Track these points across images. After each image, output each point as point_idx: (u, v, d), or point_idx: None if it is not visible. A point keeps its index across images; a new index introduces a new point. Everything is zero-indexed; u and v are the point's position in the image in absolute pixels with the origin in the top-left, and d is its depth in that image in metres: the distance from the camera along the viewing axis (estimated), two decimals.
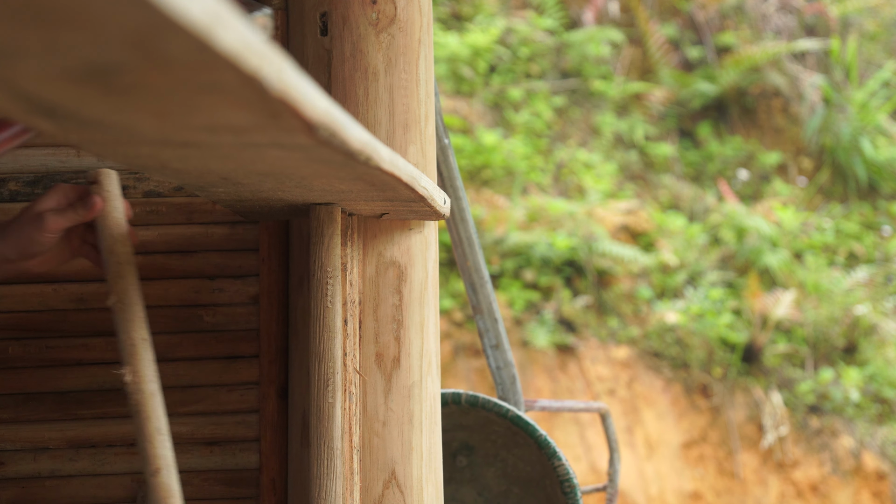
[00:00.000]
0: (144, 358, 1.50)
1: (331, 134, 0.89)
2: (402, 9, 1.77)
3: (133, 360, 1.50)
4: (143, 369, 1.49)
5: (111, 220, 1.54)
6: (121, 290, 1.52)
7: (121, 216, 1.55)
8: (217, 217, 1.90)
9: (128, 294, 1.52)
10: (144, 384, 1.49)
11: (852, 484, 6.12)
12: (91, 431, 1.87)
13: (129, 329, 1.51)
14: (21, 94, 0.72)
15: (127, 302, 1.52)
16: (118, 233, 1.54)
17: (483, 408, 2.36)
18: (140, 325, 1.51)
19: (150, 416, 1.48)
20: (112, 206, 1.55)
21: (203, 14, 0.60)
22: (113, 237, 1.54)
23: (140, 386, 1.49)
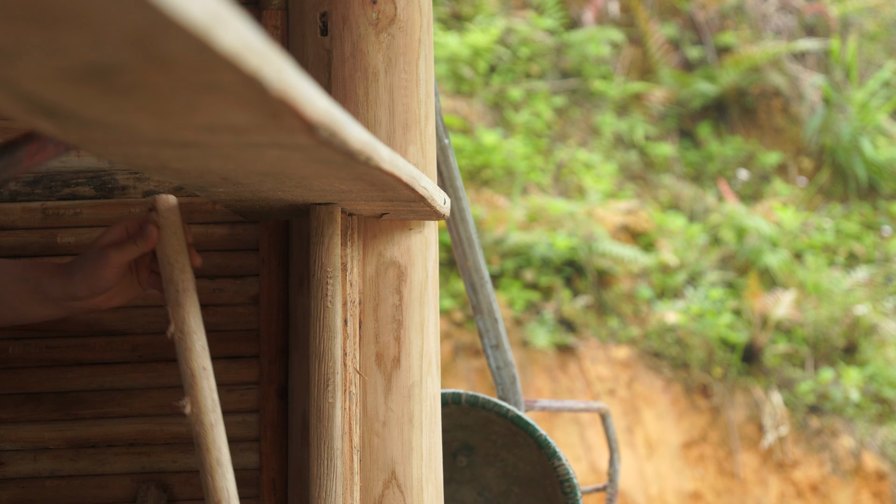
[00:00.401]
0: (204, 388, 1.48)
1: (331, 134, 0.89)
2: (402, 9, 1.77)
3: (193, 391, 1.48)
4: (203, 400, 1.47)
5: (169, 248, 1.52)
6: (179, 319, 1.49)
7: (180, 242, 1.52)
8: (217, 217, 1.90)
9: (187, 323, 1.49)
10: (204, 415, 1.47)
11: (852, 484, 6.12)
12: (91, 431, 1.87)
13: (189, 359, 1.48)
14: (21, 94, 0.72)
15: (186, 331, 1.49)
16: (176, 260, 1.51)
17: (483, 408, 2.36)
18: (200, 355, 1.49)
19: (210, 448, 1.47)
20: (170, 232, 1.52)
21: (203, 14, 0.60)
22: (171, 265, 1.51)
23: (200, 417, 1.47)
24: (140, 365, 1.89)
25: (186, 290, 1.51)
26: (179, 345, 1.49)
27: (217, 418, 1.48)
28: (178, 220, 1.53)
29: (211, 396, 1.48)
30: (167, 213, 1.53)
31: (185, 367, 1.48)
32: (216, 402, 1.49)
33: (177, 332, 1.49)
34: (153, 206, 1.53)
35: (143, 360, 1.89)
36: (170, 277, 1.51)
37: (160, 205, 1.52)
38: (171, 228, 1.52)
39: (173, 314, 1.50)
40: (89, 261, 1.54)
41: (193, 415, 1.47)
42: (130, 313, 1.90)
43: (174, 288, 1.51)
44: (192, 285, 1.52)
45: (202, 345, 1.50)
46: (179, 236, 1.53)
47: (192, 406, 1.47)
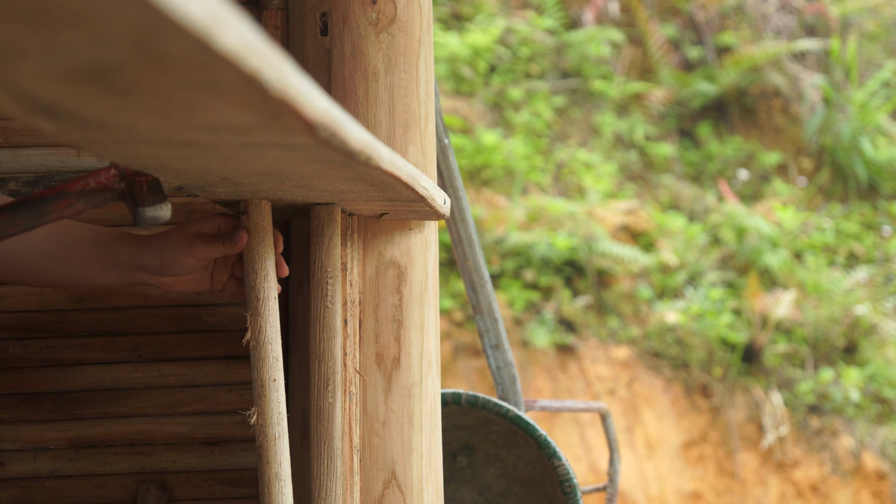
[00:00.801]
0: (272, 400, 1.46)
1: (331, 134, 0.89)
2: (402, 9, 1.77)
3: (261, 402, 1.46)
4: (270, 412, 1.46)
5: (256, 254, 1.49)
6: (257, 327, 1.47)
7: (267, 249, 1.50)
8: None
9: (264, 332, 1.47)
10: (269, 427, 1.46)
11: (852, 484, 6.12)
12: (91, 431, 1.87)
13: (261, 369, 1.47)
14: (21, 94, 0.72)
15: (262, 340, 1.47)
16: (261, 267, 1.49)
17: (483, 408, 2.36)
18: (272, 367, 1.47)
19: (271, 461, 1.45)
20: (258, 238, 1.50)
21: (203, 14, 0.60)
22: (255, 271, 1.49)
23: (265, 429, 1.46)
24: (140, 365, 1.89)
25: (268, 298, 1.49)
26: (254, 353, 1.48)
27: (282, 431, 1.47)
28: (269, 227, 1.51)
29: (278, 409, 1.46)
30: (258, 219, 1.50)
31: (256, 376, 1.47)
32: (283, 416, 1.47)
33: (253, 340, 1.47)
34: (245, 209, 1.51)
35: (143, 360, 1.89)
36: (252, 284, 1.49)
37: (252, 209, 1.50)
38: (259, 234, 1.50)
39: (252, 322, 1.48)
40: (172, 242, 1.52)
41: (258, 426, 1.46)
42: (130, 313, 1.90)
43: (255, 296, 1.48)
44: (274, 294, 1.49)
45: (276, 356, 1.48)
46: (268, 244, 1.50)
47: (258, 416, 1.46)
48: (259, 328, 1.47)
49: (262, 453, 1.46)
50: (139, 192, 1.39)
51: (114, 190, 1.39)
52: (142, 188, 1.40)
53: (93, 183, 1.38)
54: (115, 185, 1.39)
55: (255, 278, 1.49)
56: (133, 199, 1.40)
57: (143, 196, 1.40)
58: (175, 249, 1.51)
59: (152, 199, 1.40)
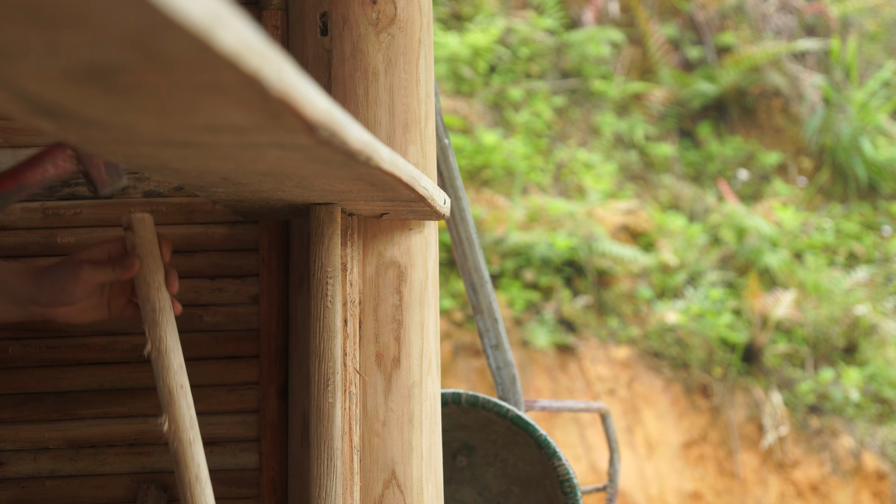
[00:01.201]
0: (182, 406, 1.49)
1: (331, 134, 0.89)
2: (402, 9, 1.77)
3: (171, 409, 1.49)
4: (181, 417, 1.49)
5: (146, 267, 1.51)
6: (156, 338, 1.50)
7: (156, 261, 1.51)
8: (217, 217, 1.90)
9: (163, 342, 1.50)
10: (183, 432, 1.49)
11: (852, 484, 6.12)
12: (91, 431, 1.87)
13: (167, 377, 1.50)
14: (21, 94, 0.72)
15: (163, 350, 1.50)
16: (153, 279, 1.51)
17: (483, 408, 2.36)
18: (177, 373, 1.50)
19: (189, 465, 1.48)
20: (145, 251, 1.51)
21: (203, 14, 0.60)
22: (147, 284, 1.51)
23: (178, 434, 1.48)
24: (140, 365, 1.89)
25: (163, 308, 1.51)
26: (156, 363, 1.50)
27: (195, 435, 1.49)
28: (154, 238, 1.52)
29: (189, 413, 1.50)
30: (142, 231, 1.51)
31: (162, 385, 1.50)
32: (194, 420, 1.50)
33: (154, 350, 1.50)
34: (128, 224, 1.51)
35: (143, 360, 1.89)
36: (146, 296, 1.51)
37: (135, 222, 1.51)
38: (146, 247, 1.51)
39: (150, 333, 1.50)
40: (62, 270, 1.52)
41: (172, 432, 1.49)
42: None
43: (150, 307, 1.51)
44: (168, 304, 1.52)
45: (179, 363, 1.51)
46: (155, 255, 1.52)
47: (170, 423, 1.49)
48: (159, 338, 1.50)
49: (180, 458, 1.49)
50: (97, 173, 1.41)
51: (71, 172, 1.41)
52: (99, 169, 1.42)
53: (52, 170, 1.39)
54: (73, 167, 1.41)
55: (147, 290, 1.51)
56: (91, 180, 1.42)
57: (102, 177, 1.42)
58: (65, 278, 1.51)
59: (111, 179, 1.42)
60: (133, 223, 1.51)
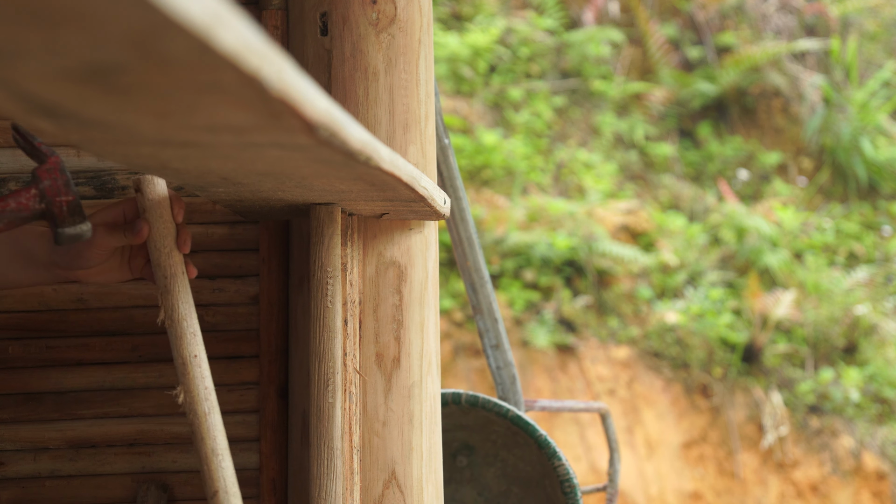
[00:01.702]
0: (196, 376, 1.44)
1: (331, 134, 0.89)
2: (402, 9, 1.77)
3: (185, 379, 1.44)
4: (196, 389, 1.44)
5: (156, 232, 1.46)
6: (169, 305, 1.45)
7: (167, 225, 1.47)
8: (217, 217, 1.90)
9: (176, 310, 1.45)
10: (198, 405, 1.44)
11: (852, 484, 6.12)
12: (91, 431, 1.87)
13: (180, 346, 1.45)
14: (21, 94, 0.72)
15: (175, 318, 1.45)
16: (163, 244, 1.46)
17: (483, 408, 2.36)
18: (191, 343, 1.45)
19: (205, 437, 1.44)
20: (157, 214, 1.46)
21: (203, 14, 0.60)
22: (158, 249, 1.46)
23: (193, 406, 1.44)
24: (140, 365, 1.89)
25: (175, 275, 1.46)
26: (170, 332, 1.46)
27: (211, 406, 1.45)
28: (166, 203, 1.48)
29: (203, 384, 1.44)
30: (153, 195, 1.47)
31: (176, 355, 1.45)
32: (210, 390, 1.45)
33: (167, 319, 1.46)
34: (138, 187, 1.47)
35: (143, 360, 1.89)
36: (157, 262, 1.46)
37: (145, 186, 1.47)
38: (157, 210, 1.47)
39: (163, 301, 1.46)
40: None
41: (187, 404, 1.44)
42: (130, 313, 1.90)
43: (162, 273, 1.46)
44: (181, 269, 1.47)
45: (193, 331, 1.46)
46: (166, 218, 1.47)
47: (185, 395, 1.44)
48: (172, 306, 1.45)
49: (196, 430, 1.44)
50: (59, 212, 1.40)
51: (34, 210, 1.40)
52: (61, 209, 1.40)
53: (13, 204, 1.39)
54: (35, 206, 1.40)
55: (159, 256, 1.47)
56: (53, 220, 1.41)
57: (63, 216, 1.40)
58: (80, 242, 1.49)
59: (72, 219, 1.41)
60: (143, 185, 1.47)
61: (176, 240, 1.48)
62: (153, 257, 1.47)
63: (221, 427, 1.46)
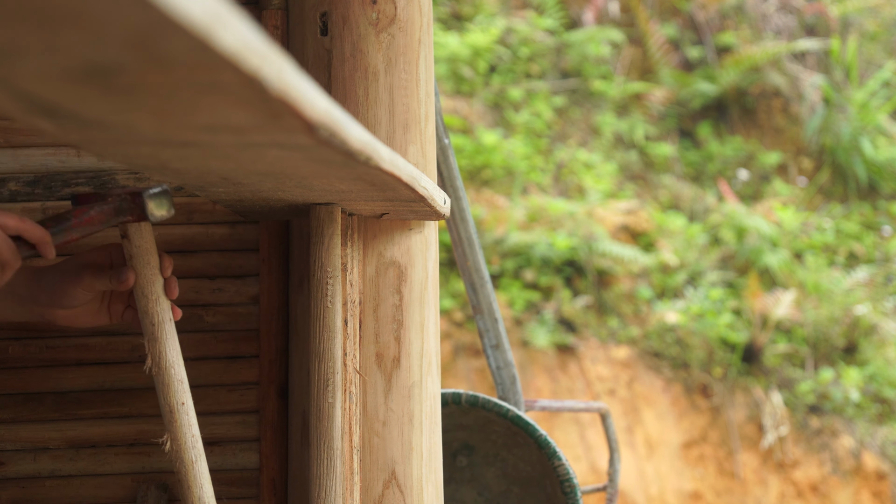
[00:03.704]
0: (184, 424, 1.44)
1: (331, 134, 0.89)
2: (402, 9, 1.77)
3: (172, 427, 1.44)
4: (183, 437, 1.44)
5: (143, 278, 1.45)
6: (156, 353, 1.45)
7: (153, 272, 1.45)
8: (217, 217, 1.90)
9: (164, 357, 1.45)
10: (185, 452, 1.44)
11: (852, 484, 6.12)
12: (91, 431, 1.87)
13: (167, 394, 1.45)
14: (21, 94, 0.72)
15: (163, 366, 1.45)
16: (150, 291, 1.45)
17: (483, 408, 2.36)
18: (178, 389, 1.44)
19: (192, 486, 1.44)
20: (143, 262, 1.45)
21: (203, 14, 0.60)
22: (145, 296, 1.45)
23: (180, 454, 1.44)
24: (140, 365, 1.88)
25: (163, 322, 1.45)
26: (157, 380, 1.45)
27: (198, 454, 1.45)
28: (153, 247, 1.46)
29: (191, 432, 1.45)
30: (140, 242, 1.45)
31: (163, 402, 1.45)
32: (196, 438, 1.45)
33: (154, 366, 1.45)
34: (125, 233, 1.45)
35: (143, 360, 1.89)
36: (144, 309, 1.45)
37: (132, 232, 1.45)
38: (143, 257, 1.45)
39: (150, 348, 1.45)
40: (63, 273, 1.49)
41: (174, 452, 1.45)
42: None
43: (149, 320, 1.45)
44: (168, 315, 1.46)
45: (180, 379, 1.45)
46: (153, 264, 1.46)
47: (171, 443, 1.44)
48: (159, 353, 1.45)
49: (183, 478, 1.44)
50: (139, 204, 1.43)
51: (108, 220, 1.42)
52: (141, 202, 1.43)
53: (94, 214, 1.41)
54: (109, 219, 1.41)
55: (146, 303, 1.45)
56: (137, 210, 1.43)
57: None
58: (65, 280, 1.48)
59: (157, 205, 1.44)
60: (129, 232, 1.45)
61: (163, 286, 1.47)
62: (140, 304, 1.46)
63: (208, 475, 1.46)
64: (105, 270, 1.47)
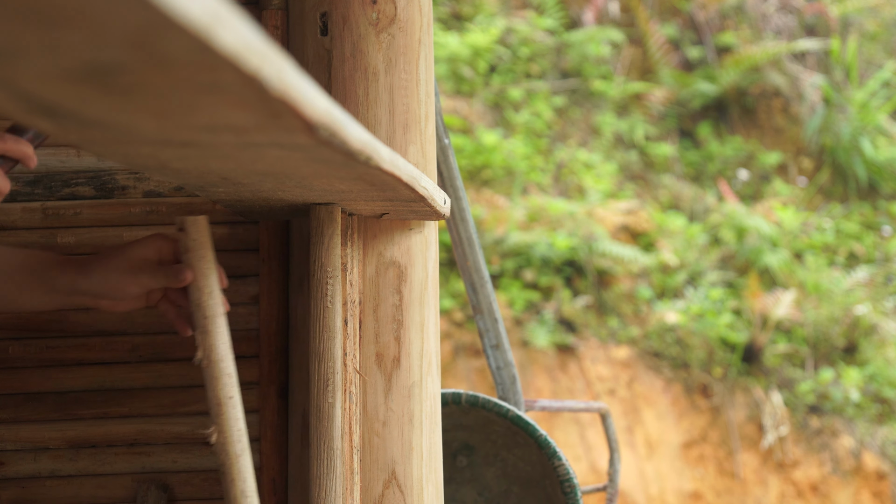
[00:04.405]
0: (231, 417, 1.45)
1: (331, 134, 0.89)
2: (402, 9, 1.77)
3: (219, 420, 1.45)
4: (230, 430, 1.45)
5: (198, 272, 1.46)
6: (207, 346, 1.46)
7: (209, 265, 1.47)
8: (217, 217, 1.90)
9: (215, 350, 1.46)
10: (230, 445, 1.45)
11: (852, 484, 6.12)
12: (91, 431, 1.87)
13: (216, 388, 1.45)
14: (21, 94, 0.72)
15: (213, 359, 1.45)
16: (205, 284, 1.46)
17: (483, 408, 2.36)
18: (227, 384, 1.45)
19: (236, 479, 1.45)
20: (198, 255, 1.46)
21: (203, 14, 0.60)
22: (199, 289, 1.46)
23: (226, 447, 1.45)
24: (140, 365, 1.89)
25: (215, 315, 1.47)
26: (207, 373, 1.46)
27: (243, 448, 1.45)
28: (208, 242, 1.48)
29: (237, 426, 1.45)
30: (196, 235, 1.47)
31: (211, 395, 1.46)
32: (242, 432, 1.46)
33: (205, 359, 1.46)
34: (182, 226, 1.47)
35: (143, 360, 1.89)
36: (198, 302, 1.47)
37: (189, 225, 1.47)
38: (199, 251, 1.47)
39: (201, 341, 1.46)
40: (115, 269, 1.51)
41: (219, 444, 1.45)
42: (130, 313, 1.90)
43: (202, 314, 1.46)
44: (221, 310, 1.47)
45: (229, 373, 1.46)
46: (209, 259, 1.47)
47: (218, 435, 1.45)
48: (210, 346, 1.46)
49: (226, 472, 1.45)
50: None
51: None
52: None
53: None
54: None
55: (200, 296, 1.46)
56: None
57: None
58: (119, 276, 1.50)
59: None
60: (187, 225, 1.47)
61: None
62: (193, 297, 1.47)
63: (252, 469, 1.46)
64: (158, 267, 1.50)
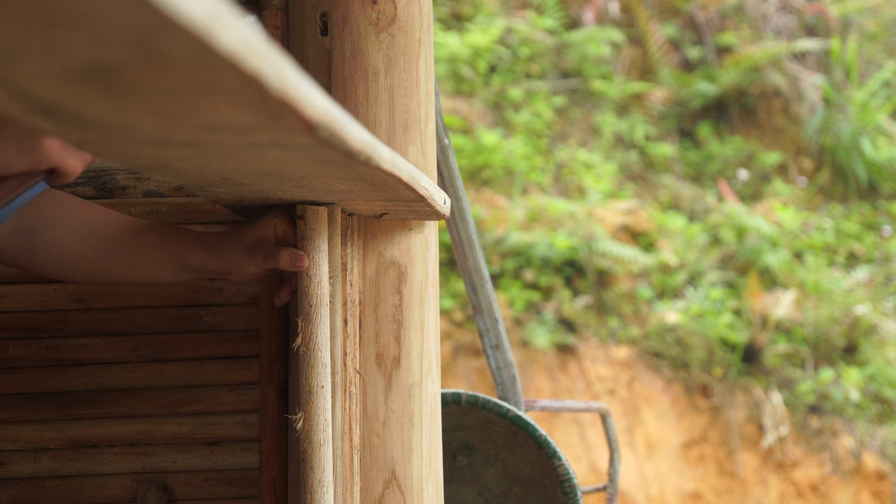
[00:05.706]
0: (320, 406, 1.46)
1: (331, 134, 0.89)
2: (403, 9, 1.77)
3: (308, 407, 1.46)
4: (317, 418, 1.46)
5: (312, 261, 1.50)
6: (308, 333, 1.48)
7: (323, 256, 1.50)
8: (217, 217, 1.90)
9: (314, 339, 1.47)
10: (315, 433, 1.46)
11: (852, 484, 6.12)
12: (91, 431, 1.87)
13: (310, 374, 1.47)
14: (21, 94, 0.72)
15: (312, 347, 1.47)
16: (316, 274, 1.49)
17: (483, 408, 2.36)
18: (321, 373, 1.47)
19: (315, 468, 1.45)
20: (314, 245, 1.50)
21: (203, 14, 0.60)
22: (310, 277, 1.49)
23: (310, 435, 1.46)
24: (140, 365, 1.89)
25: (321, 305, 1.49)
26: (303, 359, 1.48)
27: (326, 438, 1.47)
28: (324, 231, 1.51)
29: (324, 416, 1.47)
30: (315, 225, 1.50)
31: (304, 382, 1.47)
32: (328, 423, 1.47)
33: (303, 345, 1.48)
34: (302, 214, 1.51)
35: (143, 360, 1.89)
36: (305, 290, 1.49)
37: (309, 214, 1.50)
38: (314, 241, 1.50)
39: (303, 327, 1.48)
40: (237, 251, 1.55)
41: (304, 431, 1.46)
42: (130, 313, 1.90)
43: (308, 301, 1.48)
44: (325, 301, 1.49)
45: (324, 363, 1.48)
46: (322, 249, 1.51)
47: (304, 422, 1.46)
48: (310, 334, 1.48)
49: (307, 459, 1.46)
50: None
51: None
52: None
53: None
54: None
55: (308, 284, 1.49)
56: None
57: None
58: (238, 257, 1.55)
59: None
60: (307, 213, 1.51)
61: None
62: (302, 284, 1.50)
63: (331, 459, 1.48)
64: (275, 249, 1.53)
